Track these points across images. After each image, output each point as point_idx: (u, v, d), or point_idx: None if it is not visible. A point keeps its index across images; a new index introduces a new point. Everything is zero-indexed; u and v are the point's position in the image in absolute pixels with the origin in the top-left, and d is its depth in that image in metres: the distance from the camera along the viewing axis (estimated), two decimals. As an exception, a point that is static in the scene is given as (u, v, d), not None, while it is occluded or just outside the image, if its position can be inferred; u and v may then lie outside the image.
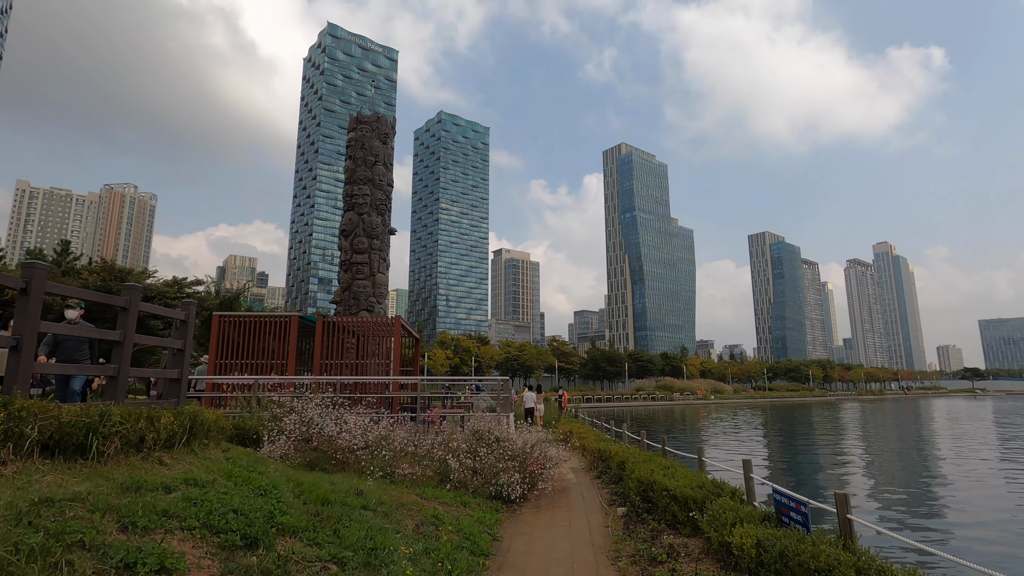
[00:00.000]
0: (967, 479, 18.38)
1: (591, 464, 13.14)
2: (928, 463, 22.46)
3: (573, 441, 16.52)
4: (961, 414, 60.09)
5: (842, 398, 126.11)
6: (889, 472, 20.46)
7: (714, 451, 26.20)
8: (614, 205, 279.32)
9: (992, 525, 12.73)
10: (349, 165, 23.75)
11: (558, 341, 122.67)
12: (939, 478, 18.80)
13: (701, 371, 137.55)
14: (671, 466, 8.82)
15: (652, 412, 63.56)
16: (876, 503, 15.39)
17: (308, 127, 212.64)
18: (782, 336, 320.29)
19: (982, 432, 37.02)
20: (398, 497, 7.35)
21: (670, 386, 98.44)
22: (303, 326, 17.79)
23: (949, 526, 12.86)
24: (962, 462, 22.37)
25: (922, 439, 32.78)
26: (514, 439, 10.38)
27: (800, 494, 5.79)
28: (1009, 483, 18.00)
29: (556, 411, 30.01)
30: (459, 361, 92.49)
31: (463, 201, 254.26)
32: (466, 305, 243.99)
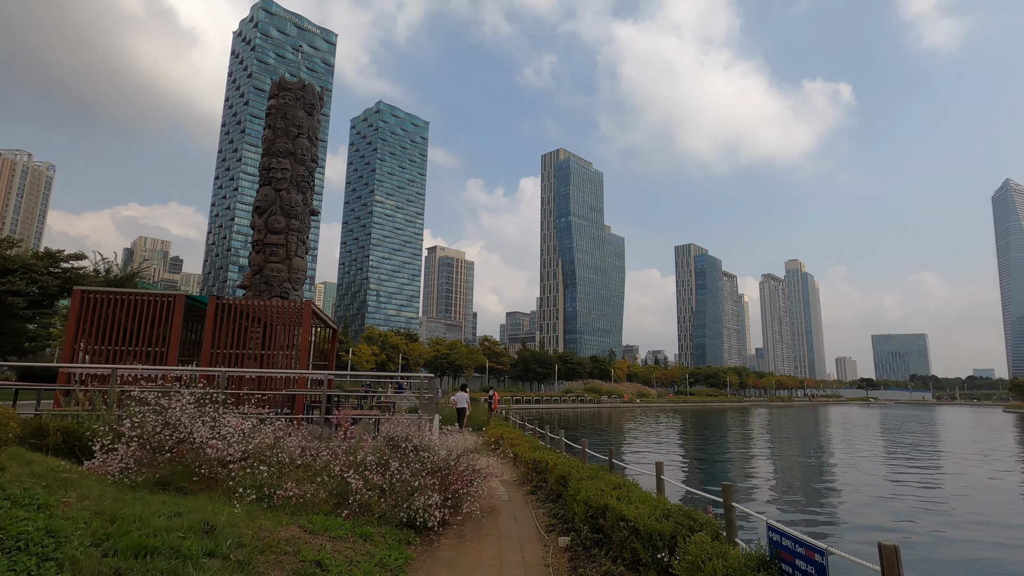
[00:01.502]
0: (872, 480, 18.57)
1: (525, 476, 11.56)
2: (832, 465, 22.76)
3: (504, 448, 14.91)
4: (858, 420, 64.17)
5: (756, 404, 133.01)
6: (799, 474, 20.40)
7: (640, 454, 25.54)
8: (550, 209, 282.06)
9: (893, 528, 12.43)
10: (268, 135, 20.91)
11: (489, 341, 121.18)
12: (842, 480, 18.85)
13: (628, 375, 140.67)
14: (623, 485, 7.35)
15: (580, 414, 63.42)
16: (792, 508, 14.95)
17: (235, 105, 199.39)
18: (702, 344, 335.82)
19: (874, 437, 39.11)
20: (271, 533, 5.39)
21: (598, 389, 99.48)
22: (192, 309, 15.10)
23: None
24: (866, 463, 22.91)
25: (825, 443, 33.93)
26: (437, 448, 8.61)
27: (801, 532, 4.44)
28: (897, 485, 18.34)
29: (486, 413, 28.35)
30: (386, 358, 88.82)
31: (399, 195, 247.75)
32: (397, 301, 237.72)
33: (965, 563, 10.35)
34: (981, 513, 14.52)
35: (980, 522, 13.41)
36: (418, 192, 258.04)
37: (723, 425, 50.14)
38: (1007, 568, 10.12)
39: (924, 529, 12.49)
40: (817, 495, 16.34)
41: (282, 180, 20.32)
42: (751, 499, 15.95)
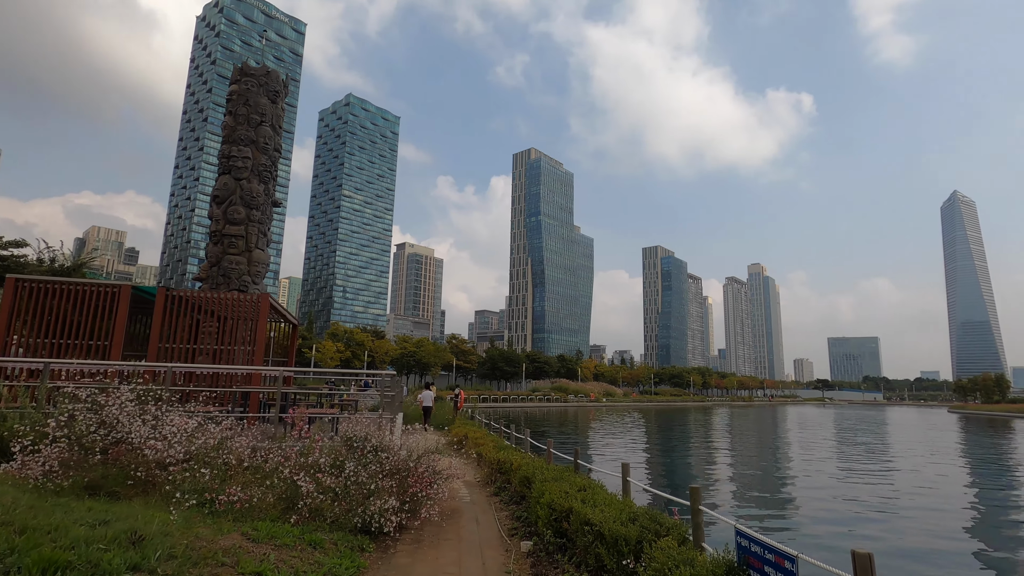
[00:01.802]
0: (826, 479, 19.04)
1: (488, 477, 11.28)
2: (792, 466, 23.27)
3: (468, 448, 14.59)
4: (815, 420, 66.20)
5: (718, 404, 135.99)
6: (761, 475, 20.76)
7: (605, 454, 25.61)
8: (521, 208, 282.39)
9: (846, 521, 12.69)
10: (228, 122, 19.98)
11: (457, 339, 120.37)
12: (803, 481, 19.26)
13: (595, 374, 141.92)
14: (589, 487, 7.15)
15: (547, 413, 63.55)
16: (747, 503, 15.14)
17: (197, 92, 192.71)
18: (667, 344, 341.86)
19: (831, 438, 40.38)
20: (208, 542, 4.97)
21: (565, 388, 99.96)
22: (139, 301, 14.28)
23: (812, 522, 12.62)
24: (823, 464, 23.51)
25: (785, 444, 34.79)
26: (397, 449, 8.25)
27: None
28: (848, 482, 18.87)
29: (451, 411, 27.97)
30: (351, 355, 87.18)
31: (368, 190, 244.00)
32: (364, 298, 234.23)
33: (924, 558, 10.57)
34: (936, 509, 14.97)
35: (932, 518, 13.79)
36: (387, 188, 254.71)
37: (686, 425, 50.96)
38: (958, 560, 10.38)
39: (882, 529, 12.75)
40: (779, 496, 16.58)
41: (243, 169, 19.51)
42: (714, 500, 16.07)
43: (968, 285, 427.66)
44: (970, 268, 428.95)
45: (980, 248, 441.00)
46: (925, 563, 10.27)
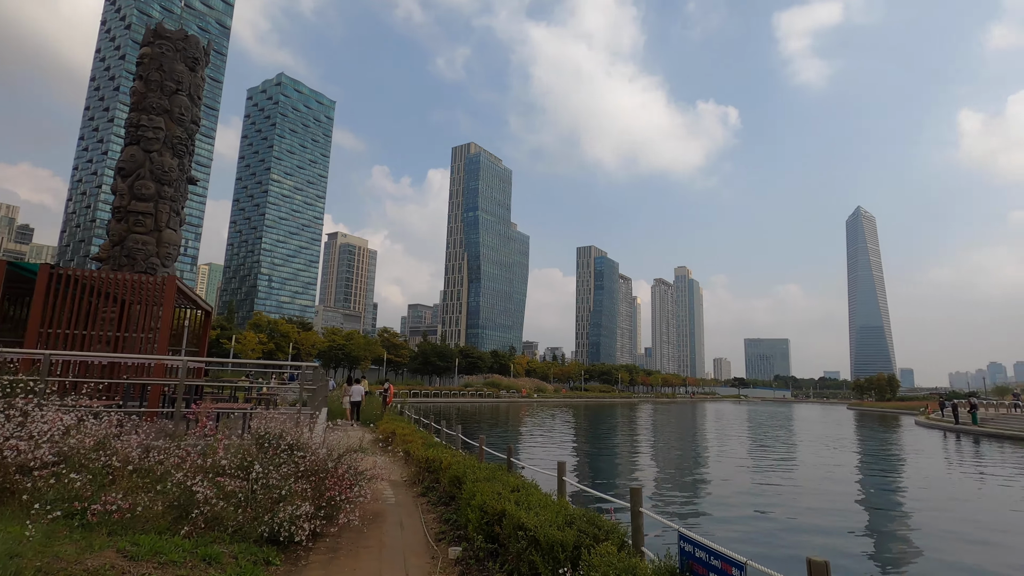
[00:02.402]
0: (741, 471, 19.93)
1: (416, 476, 10.67)
2: (716, 461, 24.23)
3: (396, 445, 13.89)
4: (732, 416, 69.96)
5: (643, 400, 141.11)
6: (688, 471, 21.42)
7: (537, 450, 25.57)
8: (458, 202, 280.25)
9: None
10: (138, 87, 17.98)
11: (389, 332, 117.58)
12: (723, 473, 20.05)
13: (527, 370, 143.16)
14: (523, 487, 6.76)
15: (479, 408, 63.21)
16: (674, 499, 15.51)
17: (108, 58, 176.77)
18: (597, 342, 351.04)
19: (750, 432, 42.72)
20: (71, 563, 4.13)
21: (498, 383, 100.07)
22: (18, 279, 12.51)
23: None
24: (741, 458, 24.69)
25: (709, 440, 36.34)
26: (316, 447, 7.52)
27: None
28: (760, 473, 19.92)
29: (380, 407, 26.94)
30: (274, 347, 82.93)
31: (299, 175, 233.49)
32: (292, 288, 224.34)
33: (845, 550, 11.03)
34: (853, 497, 15.88)
35: (849, 508, 14.57)
36: (320, 174, 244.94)
37: (614, 421, 52.18)
38: (859, 549, 10.92)
39: (802, 522, 13.28)
40: (706, 493, 17.00)
41: (154, 140, 17.67)
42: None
43: (867, 293, 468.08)
44: (869, 278, 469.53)
45: (878, 260, 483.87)
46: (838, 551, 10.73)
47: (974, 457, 27.44)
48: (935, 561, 10.00)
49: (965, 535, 11.99)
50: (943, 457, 27.63)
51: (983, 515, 14.01)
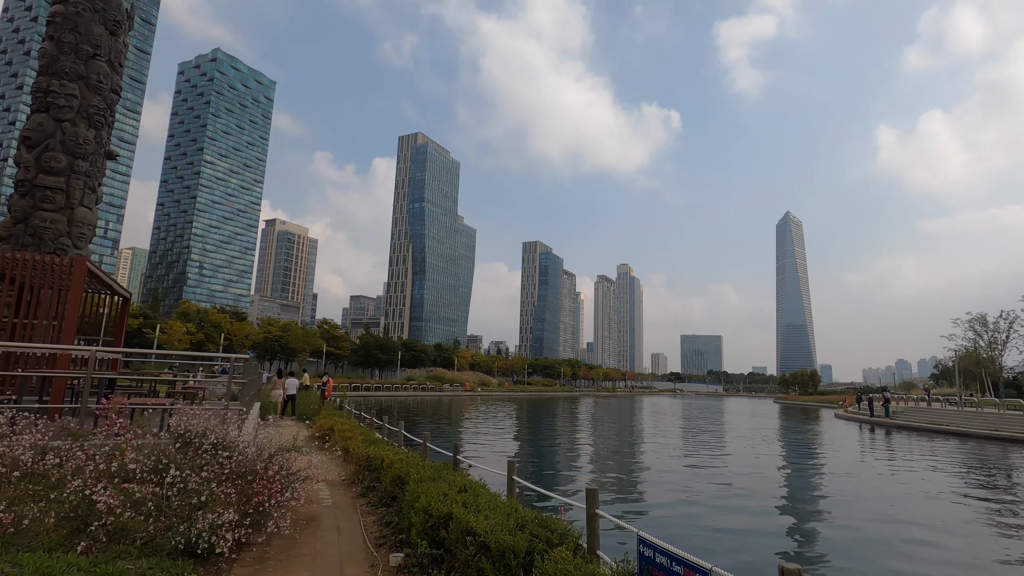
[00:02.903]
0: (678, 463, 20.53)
1: (356, 475, 10.10)
2: (656, 454, 24.84)
3: (334, 442, 13.19)
4: (669, 410, 72.40)
5: (585, 393, 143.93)
6: (632, 466, 21.81)
7: (482, 445, 25.31)
8: (404, 193, 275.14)
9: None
10: (48, 49, 16.09)
11: (329, 324, 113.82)
12: (663, 466, 20.56)
13: (471, 364, 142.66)
14: (470, 487, 6.42)
15: (422, 402, 62.25)
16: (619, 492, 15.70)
17: (17, 18, 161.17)
18: (541, 336, 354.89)
19: (683, 424, 44.27)
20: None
21: (441, 377, 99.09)
22: None
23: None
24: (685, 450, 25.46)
25: (650, 433, 37.29)
26: (245, 446, 6.87)
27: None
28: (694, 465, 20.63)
29: (318, 401, 25.83)
30: (204, 338, 78.42)
31: (235, 158, 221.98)
32: (225, 276, 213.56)
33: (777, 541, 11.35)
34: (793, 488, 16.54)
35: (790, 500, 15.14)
36: (258, 157, 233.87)
37: (558, 414, 52.71)
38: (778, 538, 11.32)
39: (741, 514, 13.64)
40: (648, 489, 17.22)
41: (66, 109, 15.95)
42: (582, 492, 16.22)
43: (793, 294, 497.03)
44: (795, 279, 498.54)
45: (804, 263, 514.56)
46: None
47: (886, 447, 29.44)
48: (859, 547, 10.47)
49: (886, 523, 12.67)
50: (858, 448, 29.46)
51: (897, 502, 14.90)
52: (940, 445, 29.75)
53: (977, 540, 11.16)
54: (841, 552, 10.20)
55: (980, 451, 27.34)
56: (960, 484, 17.81)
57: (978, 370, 71.85)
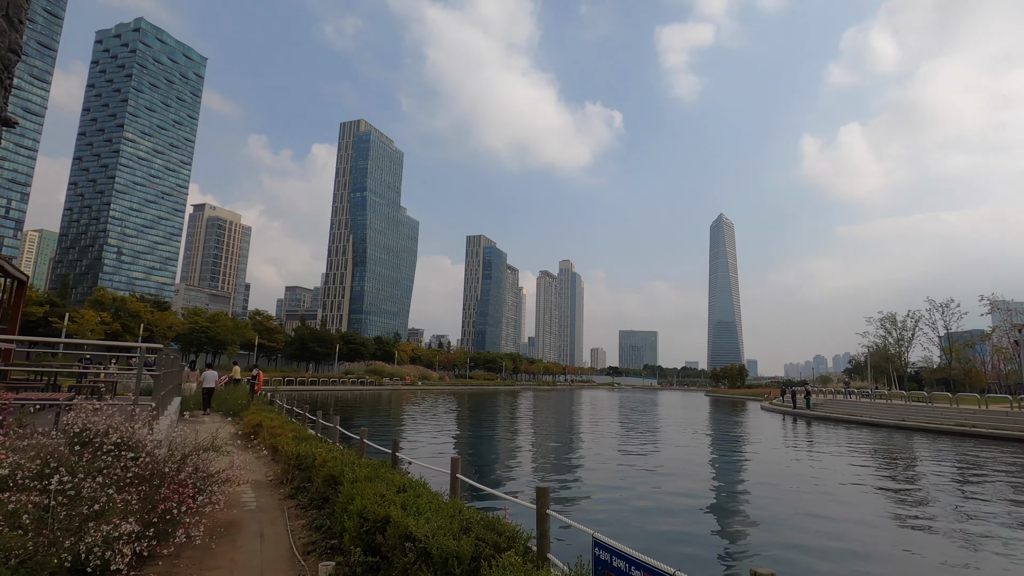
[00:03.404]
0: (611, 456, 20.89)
1: (284, 475, 9.37)
2: (597, 444, 25.17)
3: (262, 439, 12.29)
4: (607, 403, 74.10)
5: (526, 387, 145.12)
6: (575, 461, 21.94)
7: (424, 439, 24.71)
8: (345, 181, 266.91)
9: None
10: None
11: (262, 315, 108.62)
12: (599, 458, 20.83)
13: (412, 357, 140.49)
14: (411, 487, 5.96)
15: (360, 397, 60.50)
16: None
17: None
18: (483, 330, 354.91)
19: (621, 417, 45.39)
20: None
21: (380, 370, 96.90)
22: None
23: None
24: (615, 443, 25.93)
25: (587, 424, 37.87)
26: (152, 446, 6.10)
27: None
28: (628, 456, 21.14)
29: (246, 395, 24.36)
30: (121, 328, 72.82)
31: (160, 137, 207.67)
32: (147, 262, 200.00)
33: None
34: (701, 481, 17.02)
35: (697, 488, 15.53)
36: (186, 138, 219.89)
37: (499, 408, 52.63)
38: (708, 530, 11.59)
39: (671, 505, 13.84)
40: (587, 481, 17.24)
41: (-50, 65, 13.97)
42: (524, 487, 16.06)
43: (724, 292, 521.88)
44: (726, 278, 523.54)
45: (734, 263, 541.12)
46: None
47: (807, 437, 31.18)
48: (784, 530, 10.82)
49: (812, 510, 13.22)
50: (782, 438, 31.04)
51: (816, 487, 15.66)
52: (855, 434, 31.83)
53: (879, 519, 11.88)
54: (769, 535, 10.50)
55: (889, 439, 29.42)
56: (870, 470, 19.14)
57: (887, 365, 77.89)
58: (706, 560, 8.92)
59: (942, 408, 37.94)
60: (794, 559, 9.11)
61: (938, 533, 10.84)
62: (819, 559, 9.13)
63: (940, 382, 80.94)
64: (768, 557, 9.20)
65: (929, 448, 25.97)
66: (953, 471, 19.29)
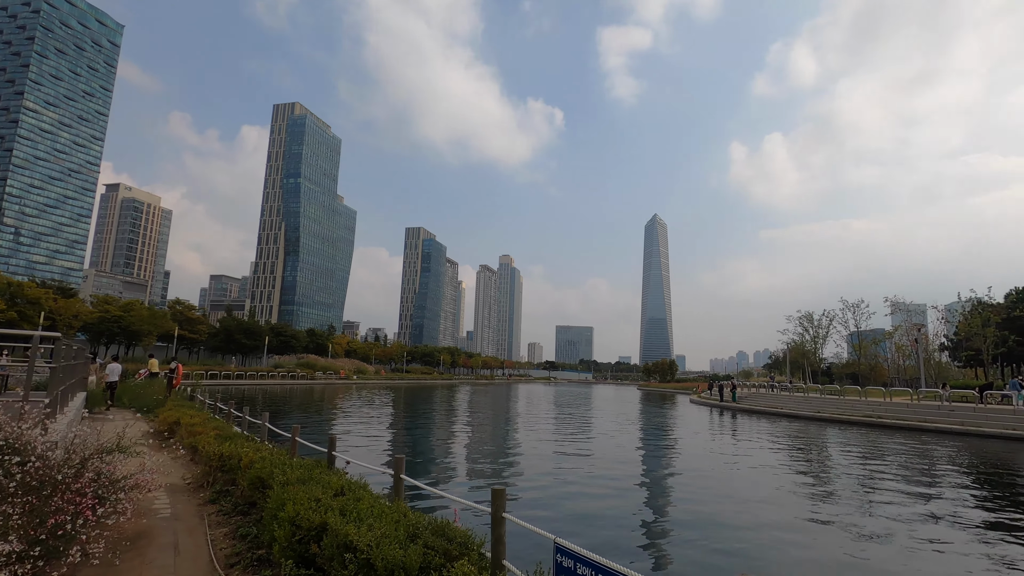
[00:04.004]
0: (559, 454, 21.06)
1: (205, 477, 8.53)
2: (532, 443, 25.25)
3: (180, 438, 11.25)
4: (543, 397, 75.00)
5: (464, 381, 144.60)
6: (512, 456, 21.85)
7: (355, 436, 23.80)
8: (278, 166, 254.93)
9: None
10: None
11: (183, 304, 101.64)
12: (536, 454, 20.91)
13: (347, 351, 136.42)
14: (349, 489, 5.48)
15: (291, 391, 57.86)
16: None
17: None
18: (421, 324, 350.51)
19: (558, 411, 46.01)
20: None
21: (313, 364, 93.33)
22: None
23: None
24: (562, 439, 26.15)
25: (524, 419, 38.04)
26: (45, 449, 5.28)
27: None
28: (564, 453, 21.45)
29: (163, 390, 22.53)
30: (17, 316, 65.97)
31: (66, 108, 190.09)
32: (50, 245, 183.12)
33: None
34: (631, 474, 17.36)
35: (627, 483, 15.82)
36: (98, 111, 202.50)
37: (437, 403, 51.90)
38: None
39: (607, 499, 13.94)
40: (522, 473, 17.12)
41: None
42: (463, 483, 15.72)
43: (656, 290, 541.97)
44: (659, 277, 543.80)
45: (667, 262, 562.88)
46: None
47: (732, 428, 32.72)
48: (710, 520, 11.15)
49: (737, 495, 13.73)
50: (709, 429, 32.42)
51: (739, 474, 16.34)
52: (775, 425, 33.72)
53: (796, 503, 12.71)
54: (693, 514, 10.80)
55: (805, 430, 31.33)
56: (787, 458, 20.41)
57: (803, 361, 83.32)
58: (647, 543, 8.95)
59: (853, 401, 40.92)
60: (716, 535, 9.81)
61: (839, 514, 11.65)
62: (742, 532, 9.55)
63: (849, 376, 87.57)
64: (691, 535, 9.41)
65: (840, 437, 27.90)
66: (856, 456, 21.11)
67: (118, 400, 20.83)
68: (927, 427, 30.05)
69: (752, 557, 8.56)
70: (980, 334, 58.28)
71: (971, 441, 26.35)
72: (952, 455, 21.70)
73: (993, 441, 26.26)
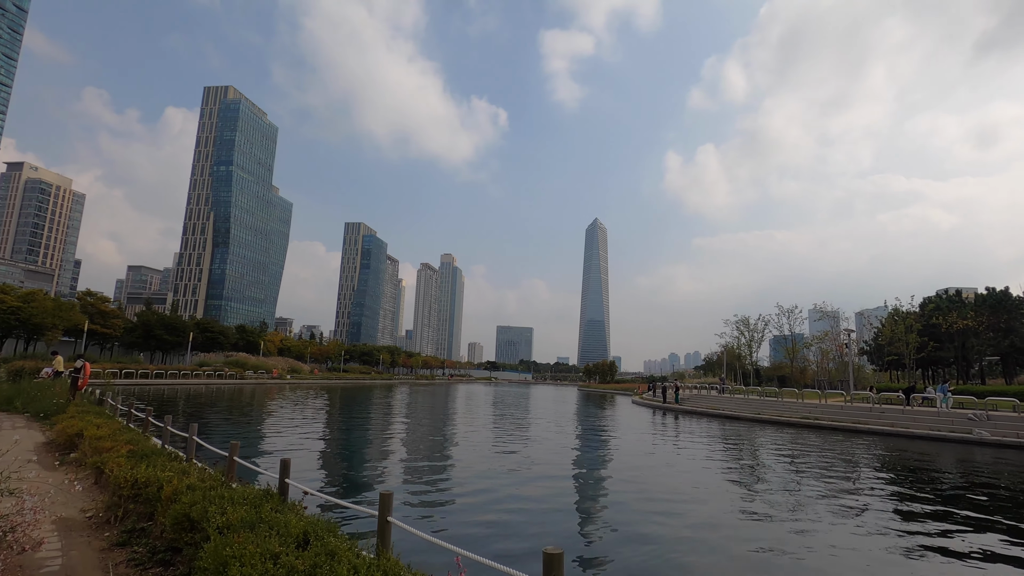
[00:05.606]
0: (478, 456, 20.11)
1: (113, 510, 6.79)
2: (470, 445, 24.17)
3: (83, 454, 9.27)
4: (484, 398, 73.95)
5: (404, 381, 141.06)
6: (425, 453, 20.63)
7: (292, 444, 21.77)
8: (208, 152, 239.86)
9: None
10: None
11: (95, 296, 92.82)
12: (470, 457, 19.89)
13: (280, 349, 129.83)
14: (315, 536, 4.13)
15: (218, 392, 53.56)
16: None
17: None
18: (359, 322, 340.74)
19: (498, 411, 45.12)
20: None
21: (243, 363, 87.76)
22: None
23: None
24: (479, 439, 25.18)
25: (466, 420, 36.84)
26: None
27: None
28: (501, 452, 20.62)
29: (66, 392, 19.61)
30: None
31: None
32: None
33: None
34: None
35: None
36: (1, 81, 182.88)
37: (375, 405, 49.61)
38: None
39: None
40: (457, 481, 15.95)
41: None
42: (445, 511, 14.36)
43: (595, 292, 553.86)
44: (598, 279, 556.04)
45: (606, 265, 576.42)
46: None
47: (675, 429, 32.91)
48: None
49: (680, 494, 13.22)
50: (652, 429, 32.45)
51: (687, 475, 15.97)
52: (715, 426, 34.25)
53: (731, 499, 12.76)
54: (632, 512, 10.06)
55: (747, 430, 31.91)
56: (725, 457, 20.72)
57: (737, 363, 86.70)
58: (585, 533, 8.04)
59: (790, 403, 42.39)
60: (656, 532, 9.69)
61: (771, 510, 11.55)
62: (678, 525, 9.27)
63: (778, 378, 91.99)
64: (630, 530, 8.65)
65: (777, 437, 28.61)
66: (789, 454, 21.88)
67: (9, 403, 17.95)
68: (860, 428, 31.29)
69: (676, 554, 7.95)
70: (903, 339, 62.39)
71: (900, 441, 27.62)
72: (884, 456, 22.46)
73: (920, 442, 27.60)
